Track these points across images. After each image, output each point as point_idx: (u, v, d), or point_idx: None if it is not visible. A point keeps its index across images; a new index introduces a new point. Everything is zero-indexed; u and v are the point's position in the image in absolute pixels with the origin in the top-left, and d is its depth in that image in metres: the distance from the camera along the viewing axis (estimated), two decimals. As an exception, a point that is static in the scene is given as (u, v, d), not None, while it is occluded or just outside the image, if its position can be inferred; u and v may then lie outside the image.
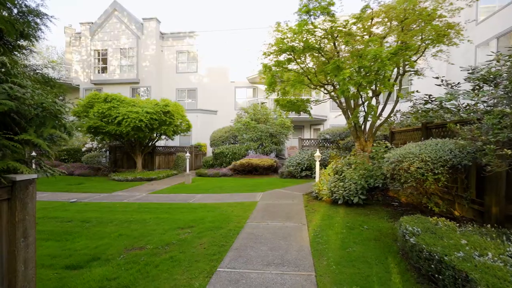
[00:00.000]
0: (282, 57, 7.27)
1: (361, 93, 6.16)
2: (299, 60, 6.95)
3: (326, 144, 12.93)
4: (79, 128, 9.42)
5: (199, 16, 64.39)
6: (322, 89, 7.55)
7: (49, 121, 2.08)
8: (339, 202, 5.63)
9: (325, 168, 8.23)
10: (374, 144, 6.03)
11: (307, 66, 7.43)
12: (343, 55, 6.52)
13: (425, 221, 3.29)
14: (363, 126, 7.17)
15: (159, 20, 20.03)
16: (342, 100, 7.39)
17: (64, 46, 22.01)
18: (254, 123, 14.17)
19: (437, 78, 6.28)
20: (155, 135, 12.97)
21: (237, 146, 13.52)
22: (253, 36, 18.92)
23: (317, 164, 7.23)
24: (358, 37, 6.10)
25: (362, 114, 6.89)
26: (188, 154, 10.87)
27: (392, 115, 7.29)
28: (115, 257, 3.83)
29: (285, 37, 6.40)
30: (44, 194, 8.43)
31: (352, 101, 6.98)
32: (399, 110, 8.37)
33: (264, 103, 17.54)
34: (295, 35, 6.15)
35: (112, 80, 19.57)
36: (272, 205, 6.35)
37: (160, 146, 15.08)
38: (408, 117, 8.07)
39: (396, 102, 6.61)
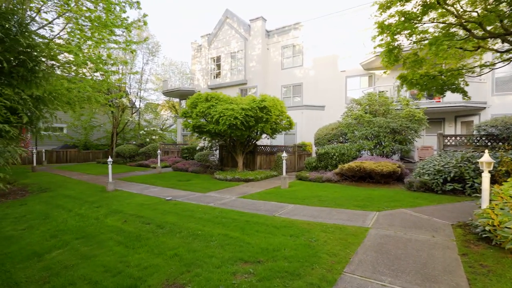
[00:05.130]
0: (411, 6, 4.63)
1: None
2: (448, 1, 4.11)
3: (489, 143, 8.46)
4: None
5: (305, 5, 62.56)
6: (496, 44, 4.30)
7: None
8: (557, 266, 2.65)
9: (497, 184, 4.84)
10: None
11: (460, 12, 4.42)
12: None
13: None
14: None
15: (264, 18, 19.85)
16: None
17: (191, 59, 25.65)
18: (369, 116, 11.22)
19: None
20: (255, 133, 12.41)
21: (346, 146, 11.01)
22: (366, 14, 15.50)
23: (486, 176, 4.11)
24: None
25: None
26: (285, 154, 9.50)
27: None
28: (150, 293, 2.84)
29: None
30: (155, 189, 9.13)
31: None
32: None
33: (383, 91, 13.98)
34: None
35: (224, 83, 20.97)
36: (394, 239, 3.94)
37: (261, 145, 14.53)
38: None
39: None
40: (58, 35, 9.64)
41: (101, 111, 21.75)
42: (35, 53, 2.31)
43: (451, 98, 11.93)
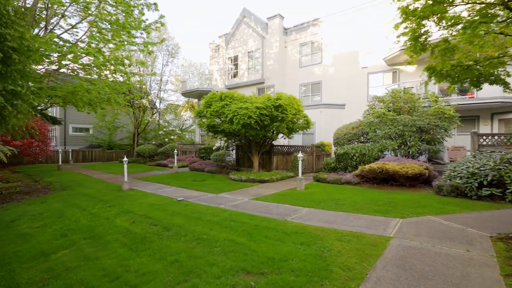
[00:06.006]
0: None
1: None
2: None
3: (534, 143, 7.50)
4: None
5: (324, 1, 61.12)
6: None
7: None
8: None
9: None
10: None
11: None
12: None
13: None
14: None
15: (282, 15, 19.43)
16: None
17: (209, 59, 25.81)
18: (392, 114, 10.47)
19: None
20: (271, 133, 12.07)
21: (367, 146, 10.35)
22: (388, 7, 14.60)
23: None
24: None
25: None
26: (301, 154, 9.07)
27: None
28: (143, 304, 2.62)
29: None
30: (169, 189, 9.09)
31: None
32: None
33: (408, 88, 13.05)
34: None
35: (241, 83, 20.81)
36: (420, 253, 3.45)
37: (278, 145, 14.16)
38: None
39: None
40: (80, 39, 9.95)
41: (123, 112, 22.50)
42: (8, 43, 2.19)
43: (487, 94, 10.85)
